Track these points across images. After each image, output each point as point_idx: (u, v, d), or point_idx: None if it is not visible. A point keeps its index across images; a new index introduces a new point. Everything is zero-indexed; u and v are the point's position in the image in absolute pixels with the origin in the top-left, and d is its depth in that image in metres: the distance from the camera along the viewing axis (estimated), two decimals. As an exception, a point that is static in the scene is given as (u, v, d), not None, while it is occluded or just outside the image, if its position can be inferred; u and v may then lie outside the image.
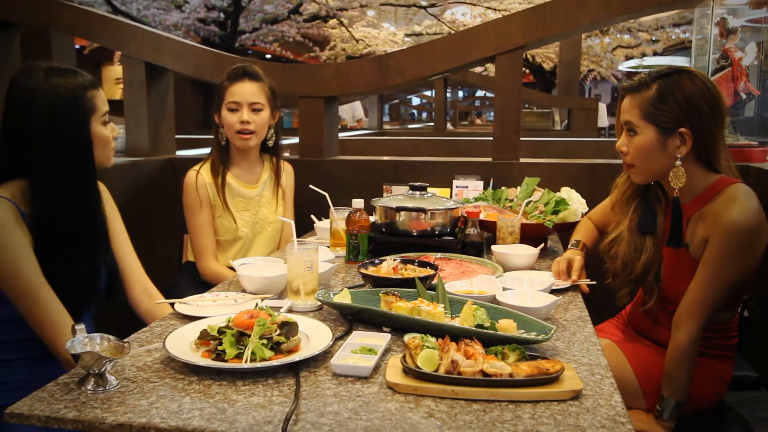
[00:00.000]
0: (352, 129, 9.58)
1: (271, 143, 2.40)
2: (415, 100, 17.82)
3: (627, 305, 1.99)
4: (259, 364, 1.14)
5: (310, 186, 2.32)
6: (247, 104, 2.27)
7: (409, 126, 13.82)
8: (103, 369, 1.09)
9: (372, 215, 2.17)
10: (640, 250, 1.73)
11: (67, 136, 1.57)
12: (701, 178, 1.64)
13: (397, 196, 2.23)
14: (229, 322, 1.24)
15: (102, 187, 1.81)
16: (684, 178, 1.60)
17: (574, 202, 2.24)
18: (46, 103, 1.55)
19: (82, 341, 1.12)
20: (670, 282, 1.72)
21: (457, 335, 1.21)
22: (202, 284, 2.27)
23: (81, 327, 1.16)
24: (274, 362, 1.15)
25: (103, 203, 1.71)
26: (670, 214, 1.67)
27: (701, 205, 1.62)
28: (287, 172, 2.52)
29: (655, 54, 12.52)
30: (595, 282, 1.84)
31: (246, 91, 2.27)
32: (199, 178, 2.30)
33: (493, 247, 1.98)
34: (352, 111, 10.53)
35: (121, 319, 1.88)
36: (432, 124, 10.81)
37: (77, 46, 4.09)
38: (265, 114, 2.31)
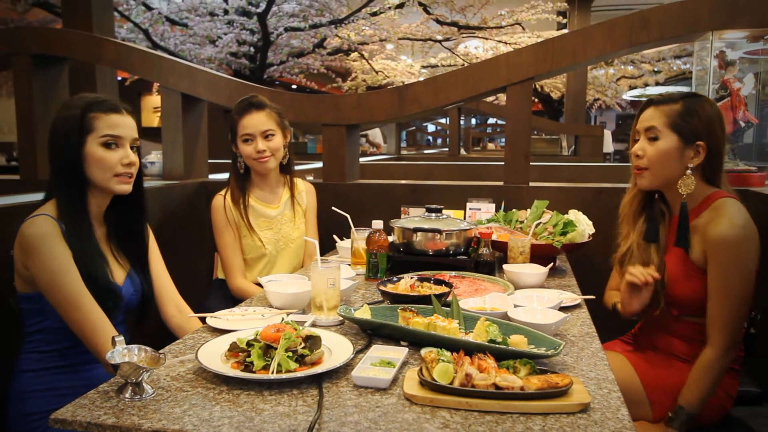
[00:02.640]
0: (371, 154, 9.63)
1: (285, 161, 2.42)
2: (431, 127, 17.84)
3: (636, 324, 1.97)
4: (284, 376, 1.14)
5: (333, 208, 2.33)
6: (259, 133, 2.29)
7: (425, 151, 13.81)
8: (140, 378, 1.10)
9: (390, 235, 2.17)
10: (647, 263, 1.76)
11: (60, 153, 1.62)
12: (701, 191, 1.70)
13: (414, 217, 2.23)
14: (256, 335, 1.24)
15: None
16: (693, 186, 1.67)
17: (582, 223, 2.23)
18: (51, 126, 1.64)
19: (121, 352, 1.13)
20: (673, 286, 1.73)
21: (470, 350, 1.20)
22: (231, 299, 2.28)
23: (120, 339, 1.17)
24: (299, 374, 1.15)
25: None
26: (673, 224, 1.74)
27: (697, 215, 1.69)
28: (308, 191, 2.54)
29: (658, 84, 12.44)
30: (595, 297, 1.84)
31: (256, 121, 2.29)
32: (225, 202, 2.33)
33: (505, 266, 1.97)
34: (372, 138, 10.59)
35: (155, 332, 1.90)
36: (446, 149, 10.81)
37: (119, 78, 4.18)
38: (277, 138, 2.33)
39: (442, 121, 15.09)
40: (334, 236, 2.44)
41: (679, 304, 1.72)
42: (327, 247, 2.49)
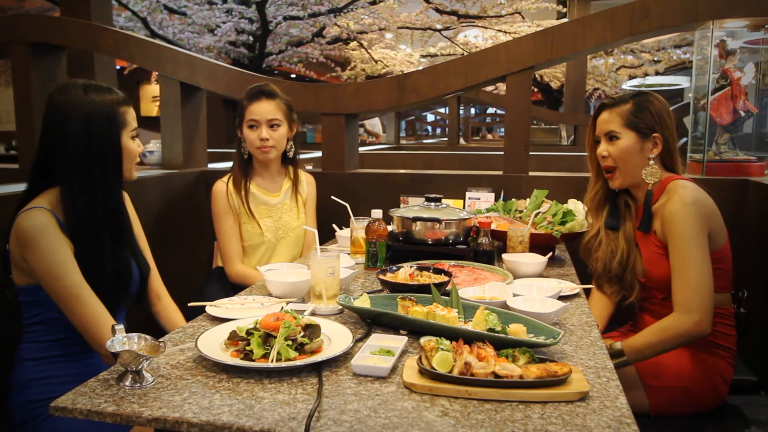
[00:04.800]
0: (370, 144, 9.60)
1: (290, 154, 2.43)
2: (430, 117, 17.80)
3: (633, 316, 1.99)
4: (284, 364, 1.14)
5: (332, 197, 2.33)
6: (265, 122, 2.30)
7: (425, 141, 13.80)
8: (140, 366, 1.10)
9: (390, 225, 2.17)
10: (615, 250, 1.88)
11: (100, 145, 1.60)
12: (661, 177, 1.82)
13: (413, 206, 2.23)
14: (256, 324, 1.24)
15: (124, 196, 1.83)
16: (658, 175, 1.81)
17: (581, 213, 2.23)
18: (83, 115, 1.58)
19: (121, 340, 1.13)
20: (651, 270, 1.80)
21: (470, 338, 1.20)
22: (230, 288, 2.29)
23: (120, 327, 1.17)
24: (298, 362, 1.15)
25: (126, 209, 1.74)
26: (639, 213, 1.85)
27: (656, 199, 1.80)
28: (309, 182, 2.54)
29: (657, 74, 12.38)
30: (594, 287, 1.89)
31: (263, 109, 2.30)
32: (227, 187, 2.34)
33: (504, 256, 1.97)
34: (370, 127, 10.56)
35: (154, 320, 1.90)
36: (446, 139, 10.79)
37: (117, 67, 4.14)
38: (282, 129, 2.34)
39: (441, 110, 15.05)
40: (334, 225, 2.44)
41: (659, 286, 1.78)
42: (326, 237, 2.48)
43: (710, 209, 1.72)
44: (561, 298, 1.63)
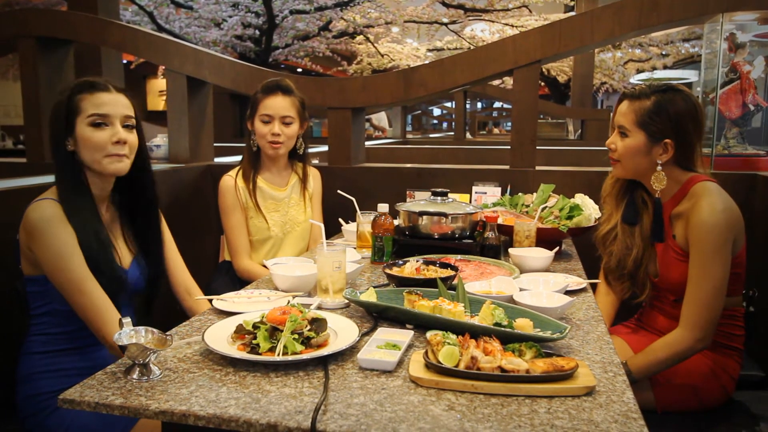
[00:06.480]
0: (377, 138, 9.59)
1: (300, 151, 2.43)
2: (437, 111, 17.76)
3: (638, 310, 1.98)
4: (290, 358, 1.14)
5: (338, 191, 2.33)
6: (278, 117, 2.30)
7: (431, 135, 13.78)
8: (147, 360, 1.10)
9: (396, 219, 2.17)
10: (630, 247, 1.83)
11: (58, 136, 1.61)
12: (677, 179, 1.74)
13: (419, 201, 2.23)
14: (263, 317, 1.24)
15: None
16: (665, 182, 1.73)
17: (588, 207, 2.22)
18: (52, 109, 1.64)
19: (129, 334, 1.14)
20: (665, 272, 1.76)
21: (476, 333, 1.20)
22: (237, 282, 2.29)
23: (128, 320, 1.17)
24: (305, 356, 1.15)
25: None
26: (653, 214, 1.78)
27: (677, 202, 1.73)
28: (314, 177, 2.54)
29: (666, 68, 12.30)
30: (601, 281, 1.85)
31: (278, 105, 2.30)
32: (236, 182, 2.34)
33: (511, 250, 1.97)
34: (377, 122, 10.56)
35: (162, 314, 1.91)
36: (452, 133, 10.76)
37: (124, 61, 4.15)
38: (294, 126, 2.34)
39: (448, 105, 15.01)
40: (340, 220, 2.44)
41: (673, 289, 1.74)
42: (333, 231, 2.48)
43: (737, 216, 1.66)
44: (568, 292, 1.62)
